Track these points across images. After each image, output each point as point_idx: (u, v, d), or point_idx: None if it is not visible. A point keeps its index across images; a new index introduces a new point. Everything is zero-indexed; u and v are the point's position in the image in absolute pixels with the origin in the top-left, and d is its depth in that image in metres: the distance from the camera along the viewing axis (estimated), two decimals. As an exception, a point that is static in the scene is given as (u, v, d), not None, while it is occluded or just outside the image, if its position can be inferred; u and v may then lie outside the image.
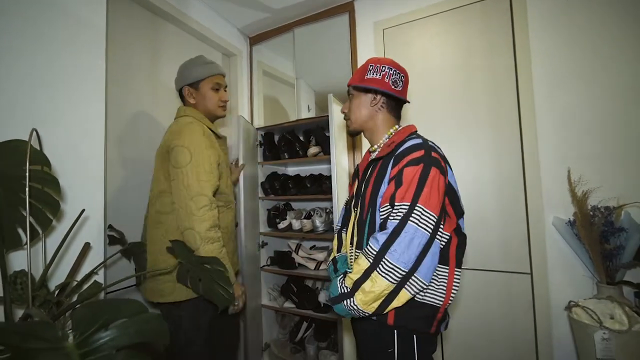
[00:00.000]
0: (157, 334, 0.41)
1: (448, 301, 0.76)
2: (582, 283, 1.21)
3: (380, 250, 0.71)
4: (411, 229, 0.69)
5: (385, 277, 0.69)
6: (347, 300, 0.74)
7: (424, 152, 0.76)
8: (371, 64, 0.89)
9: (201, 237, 0.96)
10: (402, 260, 0.69)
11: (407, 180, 0.73)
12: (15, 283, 0.73)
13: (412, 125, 0.90)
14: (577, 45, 1.26)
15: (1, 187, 0.71)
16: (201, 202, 0.97)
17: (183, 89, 1.16)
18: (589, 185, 1.18)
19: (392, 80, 0.86)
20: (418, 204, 0.71)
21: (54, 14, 0.95)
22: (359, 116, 0.91)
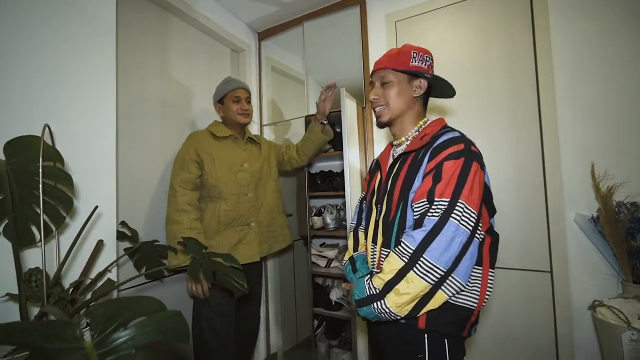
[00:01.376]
0: (177, 332, 0.39)
1: (482, 303, 0.72)
2: (606, 282, 1.17)
3: (418, 248, 0.66)
4: (453, 227, 0.65)
5: (423, 278, 0.65)
6: (377, 302, 0.69)
7: (465, 145, 0.72)
8: (414, 50, 0.84)
9: (167, 216, 1.24)
10: (442, 260, 0.64)
11: (447, 174, 0.69)
12: (30, 281, 0.73)
13: (443, 119, 0.86)
14: (600, 34, 1.20)
15: (15, 183, 0.70)
16: (169, 192, 1.27)
17: (215, 106, 1.46)
18: (615, 180, 1.14)
19: (432, 70, 0.85)
20: (460, 200, 0.66)
21: (65, 10, 0.94)
22: (398, 105, 0.84)
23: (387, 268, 0.70)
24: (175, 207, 1.22)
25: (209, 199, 1.31)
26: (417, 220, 0.70)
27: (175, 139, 1.47)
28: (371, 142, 1.65)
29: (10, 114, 0.81)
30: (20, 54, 0.84)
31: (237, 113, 1.38)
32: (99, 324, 0.36)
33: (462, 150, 0.71)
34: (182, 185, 1.25)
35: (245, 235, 1.33)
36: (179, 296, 1.44)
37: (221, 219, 1.29)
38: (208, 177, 1.29)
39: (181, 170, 1.26)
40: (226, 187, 1.30)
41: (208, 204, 1.31)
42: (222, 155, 1.33)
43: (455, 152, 0.71)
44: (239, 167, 1.36)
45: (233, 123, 1.40)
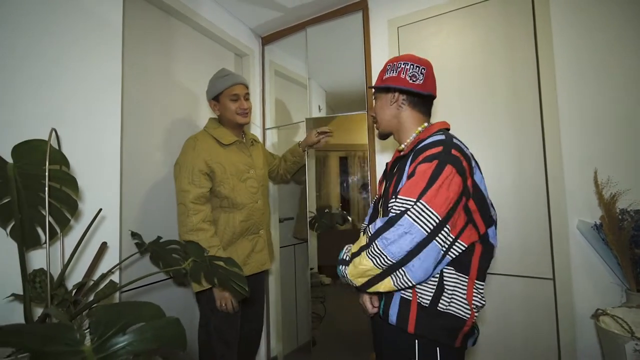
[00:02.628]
0: (175, 339, 0.40)
1: (474, 315, 0.72)
2: (609, 290, 1.15)
3: (374, 234, 0.71)
4: (406, 223, 0.67)
5: (370, 259, 0.71)
6: (342, 266, 0.77)
7: (442, 148, 0.72)
8: (389, 63, 0.89)
9: (180, 237, 1.15)
10: (390, 250, 0.68)
11: (417, 176, 0.71)
12: (34, 282, 0.74)
13: (442, 122, 0.86)
14: (603, 39, 1.19)
15: (22, 186, 0.72)
16: (179, 210, 1.17)
17: (209, 102, 1.33)
18: (618, 187, 1.12)
19: (409, 75, 0.84)
20: (421, 200, 0.68)
21: (73, 13, 0.96)
22: (383, 117, 0.91)
23: (357, 243, 0.77)
24: (190, 227, 1.13)
25: (220, 209, 1.24)
26: (384, 214, 0.78)
27: (179, 143, 1.48)
28: (373, 148, 1.65)
29: (17, 116, 0.83)
30: (27, 56, 0.86)
31: (235, 113, 1.27)
32: (98, 328, 0.37)
33: (438, 153, 0.71)
34: (194, 202, 1.15)
35: (257, 244, 1.31)
36: (180, 299, 1.45)
37: (236, 231, 1.24)
38: (220, 188, 1.21)
39: (191, 184, 1.15)
40: (239, 197, 1.25)
41: (220, 215, 1.24)
42: (231, 163, 1.26)
43: (431, 154, 0.72)
44: (247, 174, 1.30)
45: (231, 123, 1.30)
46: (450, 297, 0.72)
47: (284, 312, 1.96)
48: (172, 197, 1.43)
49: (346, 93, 1.82)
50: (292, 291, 2.02)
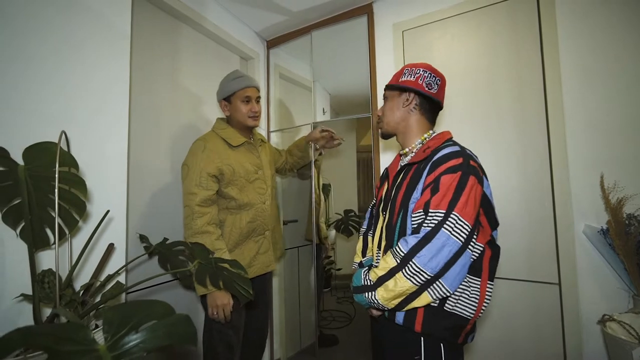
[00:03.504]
0: (185, 336, 0.40)
1: (478, 314, 0.76)
2: (616, 296, 1.14)
3: (409, 252, 0.71)
4: (443, 236, 0.69)
5: (409, 279, 0.70)
6: (368, 292, 0.76)
7: (463, 160, 0.75)
8: (407, 67, 0.92)
9: (186, 240, 1.13)
10: (429, 266, 0.69)
11: (443, 187, 0.73)
12: (43, 282, 0.75)
13: (448, 132, 0.90)
14: (610, 43, 1.20)
15: (32, 188, 0.73)
16: (185, 213, 1.15)
17: (220, 102, 1.32)
18: (625, 192, 1.12)
19: (426, 83, 0.87)
20: (453, 212, 0.70)
21: (82, 19, 0.98)
22: (392, 118, 0.93)
23: (382, 265, 0.76)
24: (195, 230, 1.12)
25: (227, 210, 1.23)
26: (414, 229, 0.75)
27: (185, 145, 1.49)
28: (377, 151, 1.66)
29: (28, 118, 0.84)
30: (37, 60, 0.87)
31: (247, 115, 1.27)
32: (111, 326, 0.37)
33: (460, 165, 0.74)
34: (200, 204, 1.13)
35: (262, 245, 1.30)
36: (185, 301, 1.45)
37: (243, 232, 1.23)
38: (229, 189, 1.21)
39: (198, 187, 1.14)
40: (247, 198, 1.24)
41: (227, 216, 1.23)
42: (239, 164, 1.24)
43: (453, 166, 0.74)
44: (255, 175, 1.29)
45: (240, 125, 1.30)
46: (457, 298, 0.75)
47: (287, 314, 1.95)
48: (177, 198, 1.44)
49: (351, 96, 1.83)
50: (295, 293, 2.02)
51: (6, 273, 0.78)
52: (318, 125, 1.81)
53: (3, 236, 0.78)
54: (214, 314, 1.12)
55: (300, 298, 2.02)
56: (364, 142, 2.30)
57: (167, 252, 1.03)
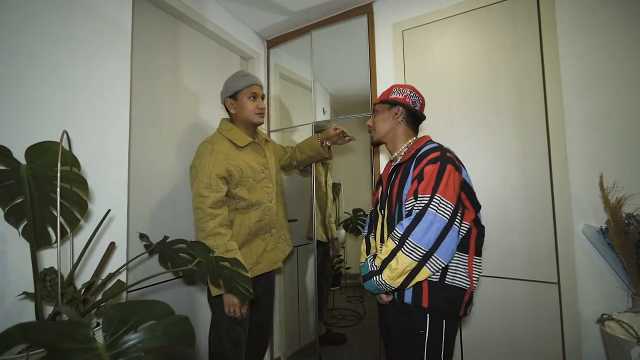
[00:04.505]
0: (184, 337, 0.41)
1: (472, 285, 0.90)
2: (615, 295, 1.14)
3: (405, 232, 0.84)
4: (431, 214, 0.83)
5: (408, 256, 0.83)
6: (376, 276, 0.88)
7: (440, 153, 0.91)
8: (395, 87, 1.09)
9: (199, 240, 1.13)
10: (423, 241, 0.82)
11: (427, 176, 0.87)
12: (45, 280, 0.76)
13: (428, 136, 1.07)
14: (609, 42, 1.19)
15: (34, 187, 0.74)
16: (197, 215, 1.16)
17: (225, 100, 1.32)
18: (624, 191, 1.12)
19: (412, 100, 1.06)
20: (437, 194, 0.84)
21: (83, 19, 0.98)
22: (383, 128, 1.09)
23: (384, 249, 0.88)
24: (207, 232, 1.13)
25: (236, 211, 1.24)
26: (407, 213, 0.89)
27: (185, 144, 1.51)
28: (377, 151, 1.66)
29: (30, 118, 0.85)
30: (39, 60, 0.88)
31: (254, 112, 1.27)
32: (111, 326, 0.38)
33: (439, 156, 0.90)
34: (212, 206, 1.14)
35: (269, 243, 1.32)
36: (186, 299, 1.46)
37: (251, 231, 1.25)
38: (237, 190, 1.22)
39: (208, 189, 1.15)
40: (255, 197, 1.26)
41: (236, 216, 1.24)
42: (247, 164, 1.25)
43: (433, 158, 0.90)
44: (262, 175, 1.30)
45: (246, 122, 1.30)
46: (453, 272, 0.89)
47: (287, 313, 1.96)
48: (178, 197, 1.45)
49: (351, 96, 1.83)
50: (294, 293, 2.03)
51: (8, 271, 0.79)
52: (319, 124, 1.82)
53: (5, 235, 0.79)
54: (230, 312, 1.15)
55: (299, 297, 2.03)
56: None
57: (168, 250, 1.03)
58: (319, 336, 1.86)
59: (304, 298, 2.06)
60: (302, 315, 2.04)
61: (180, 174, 1.47)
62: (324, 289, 1.99)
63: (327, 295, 2.10)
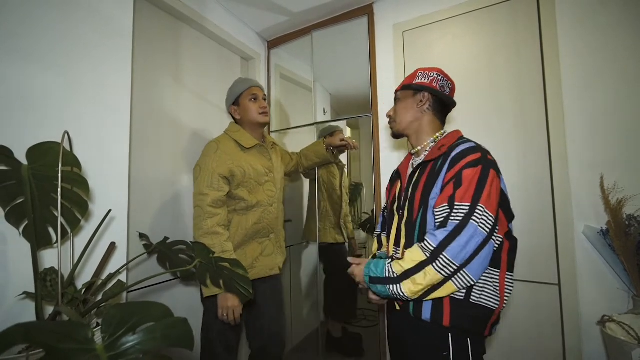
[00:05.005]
0: (183, 339, 0.41)
1: (502, 304, 0.78)
2: (616, 296, 1.14)
3: (439, 246, 0.72)
4: (472, 228, 0.71)
5: (439, 272, 0.72)
6: (393, 285, 0.77)
7: (481, 154, 0.79)
8: (420, 71, 0.95)
9: (196, 239, 1.14)
10: (460, 257, 0.71)
11: (466, 181, 0.75)
12: (45, 280, 0.76)
13: (459, 130, 0.93)
14: (610, 42, 1.19)
15: (35, 187, 0.74)
16: (196, 213, 1.17)
17: (230, 109, 1.36)
18: (625, 192, 1.12)
19: (439, 85, 0.91)
20: (479, 204, 0.72)
21: (84, 21, 0.99)
22: (405, 118, 0.95)
23: (409, 258, 0.76)
24: (205, 230, 1.13)
25: (234, 212, 1.25)
26: (441, 223, 0.76)
27: (186, 145, 1.51)
28: (377, 152, 1.66)
29: (31, 119, 0.86)
30: (40, 62, 0.88)
31: (257, 113, 1.30)
32: (109, 327, 0.38)
33: (479, 159, 0.78)
34: (211, 205, 1.15)
35: (266, 247, 1.30)
36: (185, 300, 1.46)
37: (248, 233, 1.24)
38: (239, 191, 1.22)
39: (210, 188, 1.16)
40: (256, 199, 1.25)
41: (234, 217, 1.24)
42: (251, 166, 1.26)
43: (473, 160, 0.77)
44: (266, 178, 1.30)
45: (253, 124, 1.32)
46: (481, 289, 0.77)
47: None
48: (179, 198, 1.45)
49: (351, 96, 1.83)
50: (287, 294, 2.02)
51: (9, 271, 0.80)
52: (326, 130, 1.83)
53: (6, 235, 0.79)
54: (223, 315, 1.12)
55: (291, 298, 2.02)
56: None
57: (168, 251, 1.04)
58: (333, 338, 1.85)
59: (295, 299, 2.06)
60: (294, 316, 2.03)
61: (181, 174, 1.48)
62: (343, 289, 1.94)
63: (353, 295, 2.02)
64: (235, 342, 1.23)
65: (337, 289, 1.94)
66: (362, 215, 2.04)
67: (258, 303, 1.29)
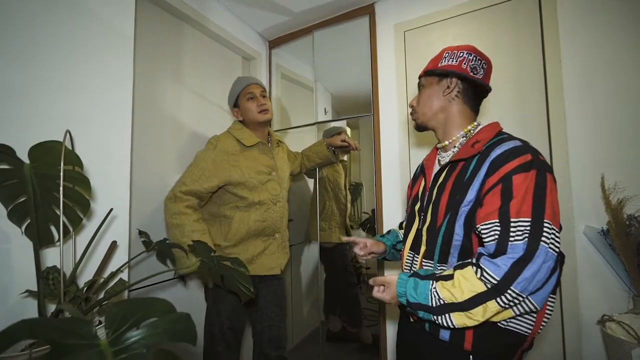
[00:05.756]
0: (186, 334, 0.41)
1: (538, 330, 0.66)
2: (616, 296, 1.14)
3: (504, 279, 0.58)
4: (543, 252, 0.57)
5: (504, 306, 0.60)
6: (442, 316, 0.63)
7: (532, 156, 0.64)
8: (447, 51, 0.81)
9: (166, 222, 1.18)
10: (529, 289, 0.58)
11: (520, 191, 0.61)
12: (48, 279, 0.76)
13: (497, 123, 0.77)
14: (611, 43, 1.19)
15: (37, 186, 0.75)
16: (167, 195, 1.20)
17: (232, 111, 1.37)
18: (626, 192, 1.12)
19: (470, 66, 0.76)
20: (545, 220, 0.59)
21: (87, 20, 0.99)
22: (430, 108, 0.81)
23: (464, 286, 0.61)
24: (174, 211, 1.15)
25: (236, 208, 1.24)
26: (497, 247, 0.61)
27: (187, 144, 1.51)
28: (378, 152, 1.66)
29: (34, 119, 0.86)
30: (42, 60, 0.89)
31: (256, 112, 1.28)
32: (113, 322, 0.38)
33: (531, 162, 0.63)
34: (185, 193, 1.17)
35: (269, 246, 1.28)
36: (186, 298, 1.47)
37: (251, 229, 1.23)
38: (238, 190, 1.22)
39: (192, 179, 1.18)
40: (259, 197, 1.24)
41: (236, 213, 1.24)
42: (250, 165, 1.25)
43: (524, 163, 0.63)
44: (269, 177, 1.29)
45: (254, 123, 1.31)
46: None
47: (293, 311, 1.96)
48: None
49: (352, 96, 1.83)
50: (288, 293, 2.02)
51: (12, 269, 0.80)
52: (329, 131, 1.83)
53: (9, 233, 0.80)
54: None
55: (292, 298, 2.02)
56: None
57: (167, 250, 1.04)
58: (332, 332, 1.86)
59: (296, 299, 2.06)
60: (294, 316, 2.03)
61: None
62: (348, 288, 1.95)
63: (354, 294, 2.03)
64: (234, 341, 1.23)
65: (339, 289, 1.94)
66: (362, 215, 2.04)
67: (260, 306, 1.29)
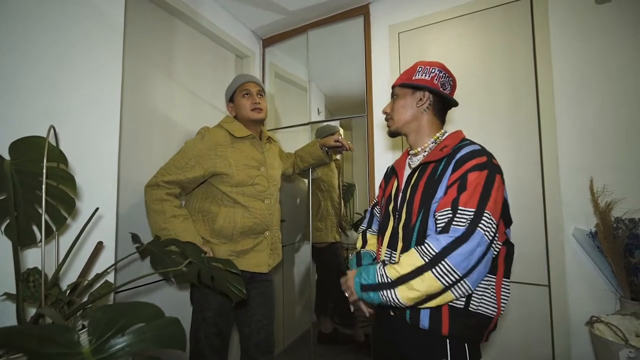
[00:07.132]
0: (174, 340, 0.39)
1: (500, 312, 0.76)
2: (604, 298, 1.16)
3: (441, 252, 0.69)
4: (478, 236, 0.68)
5: (439, 279, 0.68)
6: (386, 291, 0.73)
7: (487, 158, 0.76)
8: (420, 65, 0.89)
9: (147, 207, 1.17)
10: (462, 266, 0.68)
11: (471, 185, 0.72)
12: (28, 281, 0.73)
13: (460, 131, 0.89)
14: (601, 47, 1.22)
15: (19, 183, 0.71)
16: (149, 181, 1.18)
17: (227, 107, 1.36)
18: (613, 195, 1.14)
19: (440, 82, 0.86)
20: (486, 210, 0.70)
21: (74, 13, 0.95)
22: (403, 117, 0.91)
23: (405, 262, 0.73)
24: (155, 197, 1.14)
25: (221, 204, 1.21)
26: (443, 227, 0.72)
27: (178, 142, 1.48)
28: (372, 153, 1.66)
29: (16, 113, 0.82)
30: (26, 54, 0.85)
31: (249, 109, 1.27)
32: (96, 329, 0.36)
33: (485, 163, 0.75)
34: (169, 183, 1.15)
35: (259, 244, 1.25)
36: (175, 301, 1.43)
37: (237, 226, 1.20)
38: (223, 184, 1.20)
39: (176, 169, 1.16)
40: (242, 194, 1.21)
41: (221, 208, 1.20)
42: (238, 157, 1.22)
43: (479, 164, 0.74)
44: (257, 172, 1.26)
45: (246, 121, 1.29)
46: (480, 297, 0.75)
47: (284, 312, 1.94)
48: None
49: (346, 97, 1.83)
50: (279, 294, 2.00)
51: (-11, 271, 0.76)
52: (322, 130, 1.82)
53: (-13, 233, 0.76)
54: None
55: (284, 299, 2.01)
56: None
57: (160, 251, 1.01)
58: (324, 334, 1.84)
59: (288, 300, 2.04)
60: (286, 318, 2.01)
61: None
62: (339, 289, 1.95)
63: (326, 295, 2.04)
64: (221, 345, 1.20)
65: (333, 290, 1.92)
66: (354, 215, 2.04)
67: (248, 309, 1.27)
